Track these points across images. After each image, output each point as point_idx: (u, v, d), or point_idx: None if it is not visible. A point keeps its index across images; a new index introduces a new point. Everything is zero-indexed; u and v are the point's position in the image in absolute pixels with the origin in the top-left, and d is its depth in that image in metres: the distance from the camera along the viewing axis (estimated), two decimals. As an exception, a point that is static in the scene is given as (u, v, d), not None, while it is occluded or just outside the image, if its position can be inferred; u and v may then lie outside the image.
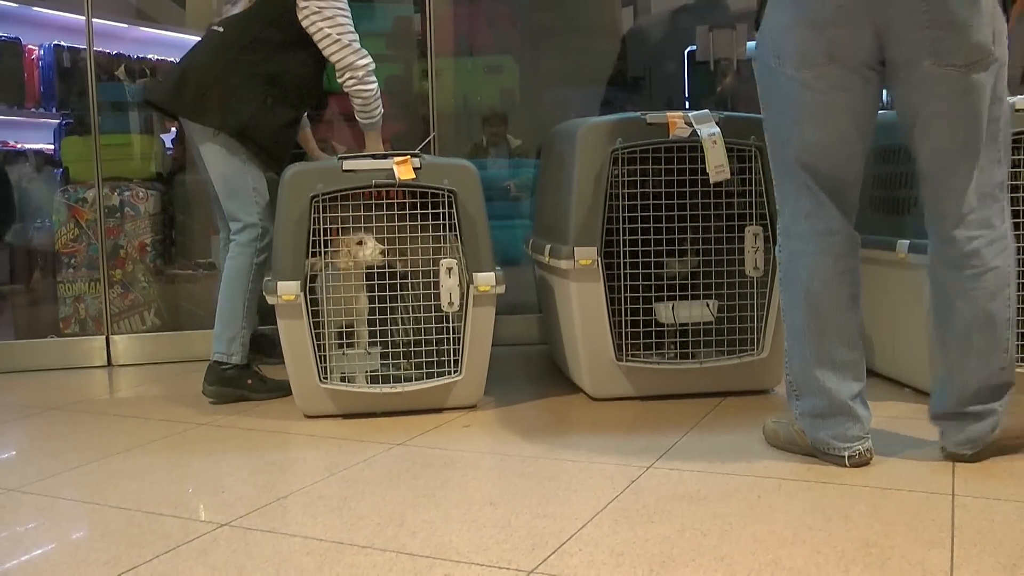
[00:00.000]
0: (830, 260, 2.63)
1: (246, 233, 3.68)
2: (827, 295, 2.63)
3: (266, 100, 3.65)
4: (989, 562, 1.97)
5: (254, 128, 3.64)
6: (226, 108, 3.63)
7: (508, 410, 3.38)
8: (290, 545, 2.18)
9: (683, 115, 3.26)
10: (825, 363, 2.65)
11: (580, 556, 2.05)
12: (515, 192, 5.15)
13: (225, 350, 3.66)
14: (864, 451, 2.64)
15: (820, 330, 2.64)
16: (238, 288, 3.66)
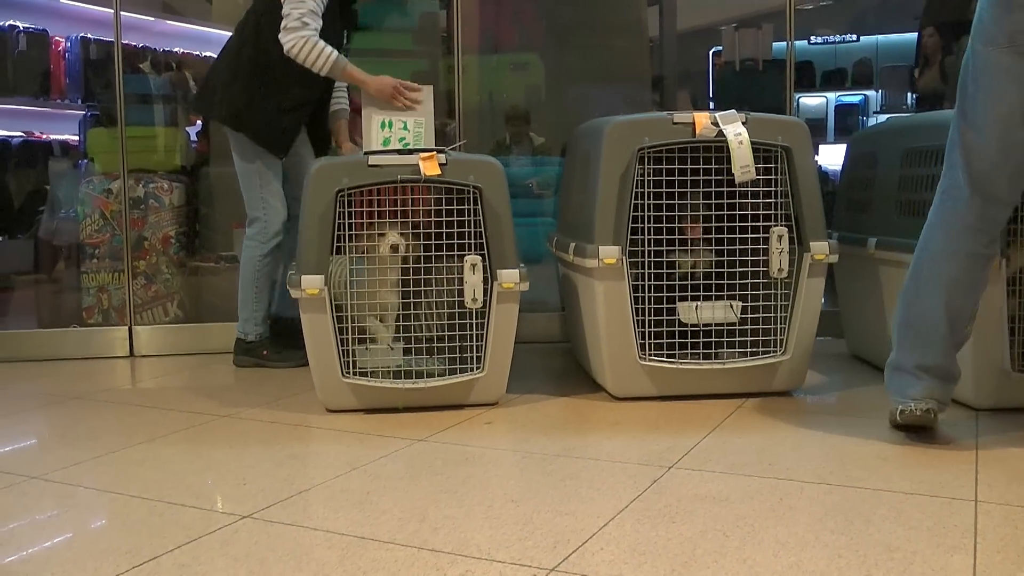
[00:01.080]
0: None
1: (253, 226, 4.06)
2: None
3: (257, 87, 3.84)
4: (1012, 569, 1.96)
5: (246, 115, 3.88)
6: (223, 100, 3.91)
7: (530, 407, 3.38)
8: (312, 538, 2.18)
9: (709, 115, 3.25)
10: (906, 327, 2.88)
11: (602, 555, 2.04)
12: (537, 190, 5.15)
13: (242, 328, 4.22)
14: (916, 410, 2.76)
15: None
16: (247, 276, 4.14)
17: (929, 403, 2.78)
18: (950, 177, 2.81)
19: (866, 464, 2.68)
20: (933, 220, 2.86)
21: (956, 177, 2.78)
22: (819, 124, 7.58)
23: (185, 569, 2.02)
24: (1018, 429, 2.99)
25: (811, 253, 3.31)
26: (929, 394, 2.80)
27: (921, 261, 2.86)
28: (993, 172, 2.73)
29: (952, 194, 2.80)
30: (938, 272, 2.81)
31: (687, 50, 6.48)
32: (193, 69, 5.58)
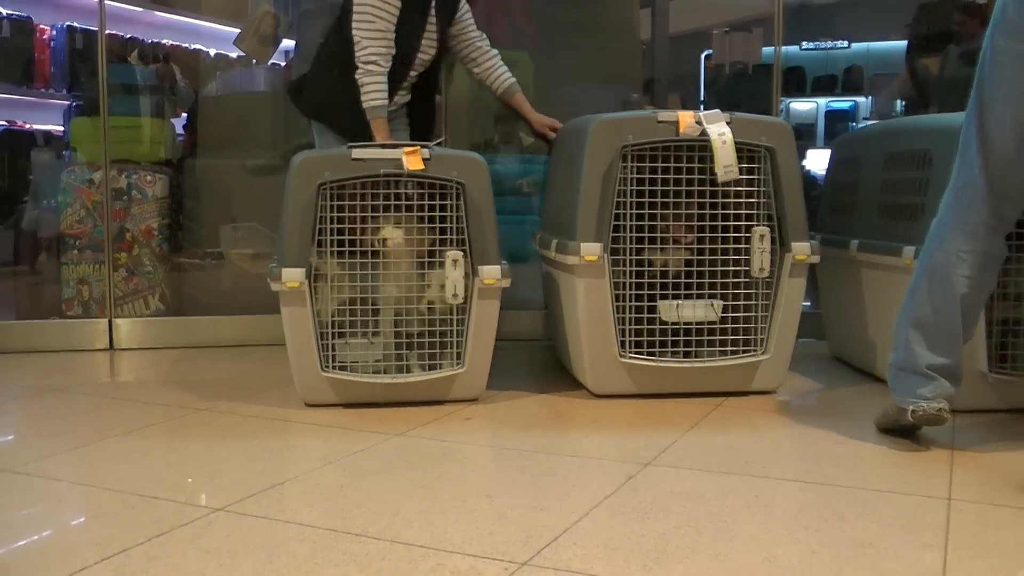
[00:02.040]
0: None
1: None
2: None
3: (338, 78, 3.76)
4: (982, 565, 1.97)
5: (327, 107, 3.84)
6: (308, 92, 3.91)
7: (510, 404, 3.37)
8: (284, 531, 2.17)
9: (693, 114, 3.25)
10: (918, 326, 2.82)
11: (574, 550, 2.04)
12: (527, 190, 5.14)
13: None
14: (930, 409, 2.73)
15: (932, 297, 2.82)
16: None
17: (941, 402, 2.76)
18: (966, 175, 2.77)
19: (843, 463, 2.68)
20: (947, 218, 2.82)
21: (973, 175, 2.75)
22: (809, 129, 7.60)
23: (155, 562, 2.00)
24: (994, 430, 3.01)
25: (793, 253, 3.31)
26: (941, 393, 2.77)
27: (933, 259, 2.81)
28: (1009, 170, 2.70)
29: (968, 193, 2.76)
30: (953, 270, 2.77)
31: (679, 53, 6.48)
32: (181, 61, 5.57)
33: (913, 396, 2.78)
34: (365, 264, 3.24)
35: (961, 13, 5.55)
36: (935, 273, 2.80)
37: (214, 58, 5.71)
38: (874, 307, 3.59)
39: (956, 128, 3.02)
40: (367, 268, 3.24)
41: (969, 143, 2.76)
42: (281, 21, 5.22)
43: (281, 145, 5.17)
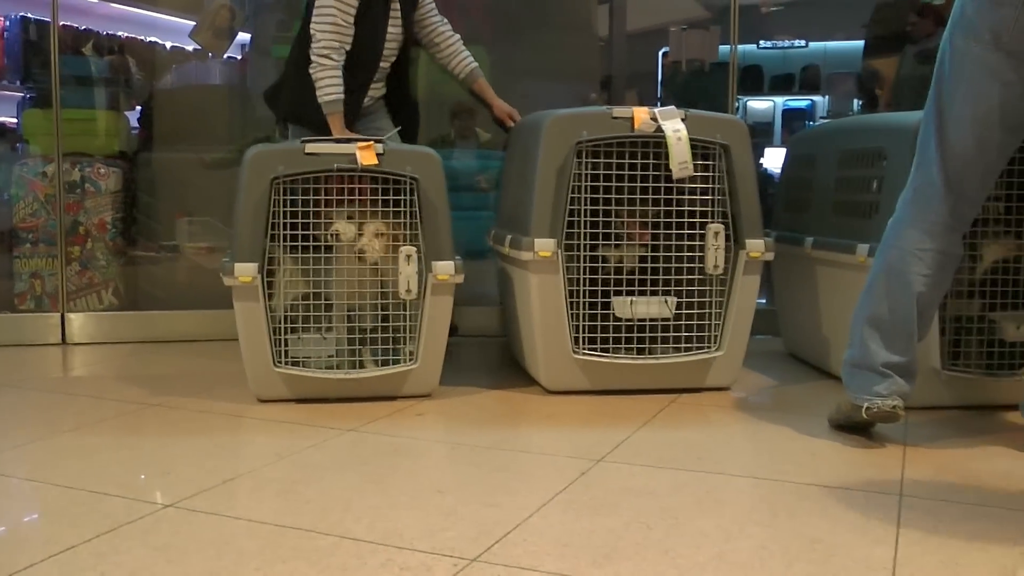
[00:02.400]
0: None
1: None
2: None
3: (309, 78, 3.74)
4: (932, 560, 1.98)
5: (302, 107, 3.79)
6: (284, 97, 3.93)
7: (463, 400, 3.36)
8: (233, 528, 2.15)
9: (648, 110, 3.25)
10: (873, 324, 2.83)
11: (524, 546, 2.03)
12: (485, 186, 5.13)
13: None
14: (884, 406, 2.75)
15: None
16: None
17: (896, 399, 2.77)
18: (924, 174, 2.79)
19: (795, 459, 2.69)
20: (903, 216, 2.83)
21: (931, 174, 2.76)
22: (767, 128, 7.64)
23: (102, 559, 1.98)
24: (946, 426, 3.03)
25: (747, 250, 3.33)
26: (895, 390, 2.79)
27: (890, 257, 2.83)
28: (967, 170, 2.73)
29: (926, 191, 2.78)
30: (910, 268, 2.78)
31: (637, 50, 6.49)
32: (137, 54, 5.51)
33: (868, 393, 2.80)
34: (318, 259, 3.22)
35: (917, 13, 5.61)
36: (891, 271, 2.81)
37: (170, 51, 5.65)
38: (828, 304, 3.62)
39: (909, 126, 3.06)
40: (320, 263, 3.22)
41: (927, 142, 2.78)
42: (237, 14, 5.18)
43: (238, 139, 5.13)
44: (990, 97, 2.65)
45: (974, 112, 2.67)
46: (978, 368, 3.20)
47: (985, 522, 2.21)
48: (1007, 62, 2.61)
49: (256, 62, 5.35)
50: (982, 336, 3.21)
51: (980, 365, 3.21)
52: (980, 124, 2.67)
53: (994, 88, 2.64)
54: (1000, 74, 2.63)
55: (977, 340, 3.21)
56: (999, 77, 2.63)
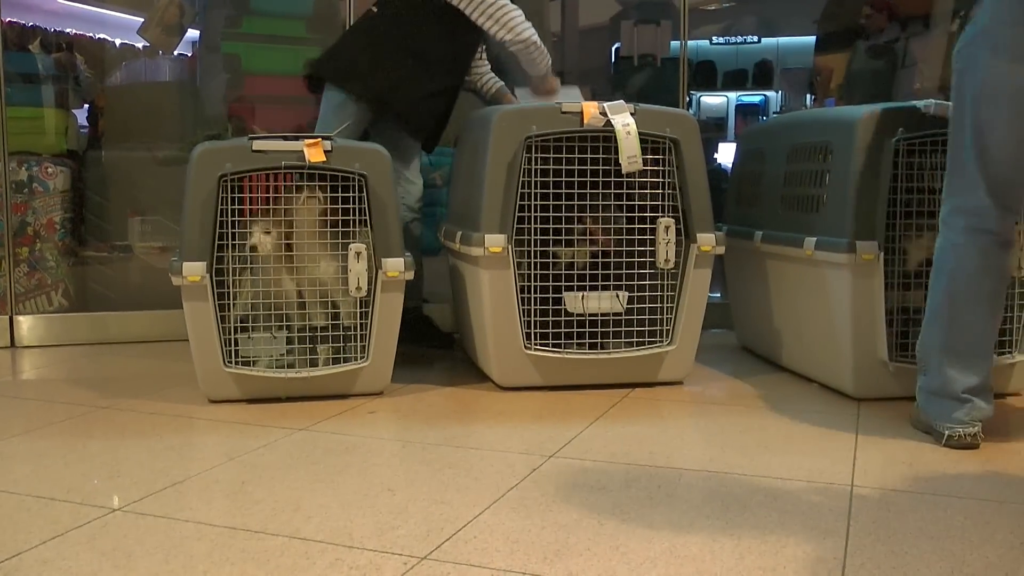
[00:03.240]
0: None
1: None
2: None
3: (409, 71, 3.81)
4: (882, 550, 2.00)
5: (394, 96, 3.84)
6: (369, 77, 3.85)
7: (415, 397, 3.35)
8: (182, 530, 2.13)
9: (598, 104, 3.26)
10: (950, 350, 2.82)
11: (474, 543, 2.03)
12: (439, 183, 5.11)
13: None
14: (965, 435, 2.75)
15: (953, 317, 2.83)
16: None
17: (976, 426, 2.77)
18: (970, 196, 2.75)
19: (747, 452, 2.71)
20: (958, 240, 2.79)
21: (978, 196, 2.73)
22: (720, 123, 7.67)
23: (48, 565, 1.95)
24: (896, 417, 3.06)
25: (698, 245, 3.34)
26: (976, 416, 2.79)
27: (954, 282, 2.80)
28: (1012, 189, 2.73)
29: (978, 213, 2.74)
30: (978, 289, 2.78)
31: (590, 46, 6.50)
32: (85, 51, 5.44)
33: (949, 421, 2.79)
34: (267, 258, 3.19)
35: (870, 7, 5.64)
36: (957, 296, 2.80)
37: (119, 48, 5.58)
38: (778, 297, 3.64)
39: (854, 121, 3.10)
40: (268, 261, 3.19)
41: (968, 163, 2.75)
42: (186, 10, 5.13)
43: (189, 136, 5.08)
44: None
45: (1016, 133, 2.66)
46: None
47: (935, 511, 2.24)
48: None
49: (205, 58, 5.29)
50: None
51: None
52: (1022, 144, 2.68)
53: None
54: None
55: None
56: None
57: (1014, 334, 3.26)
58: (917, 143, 3.15)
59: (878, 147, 3.13)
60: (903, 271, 3.19)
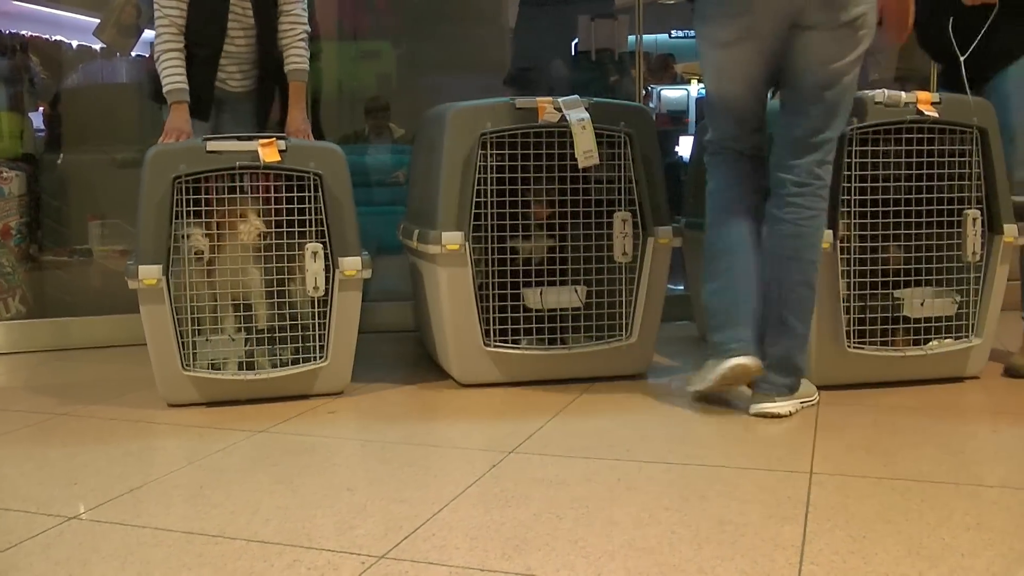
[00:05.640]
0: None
1: None
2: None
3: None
4: (840, 535, 2.01)
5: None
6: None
7: (375, 396, 3.34)
8: (139, 537, 2.11)
9: (552, 100, 3.25)
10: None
11: (433, 541, 2.03)
12: (403, 181, 5.11)
13: None
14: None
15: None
16: None
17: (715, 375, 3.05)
18: (715, 128, 3.22)
19: (706, 442, 2.72)
20: (714, 161, 3.24)
21: (720, 127, 3.22)
22: (681, 116, 7.69)
23: None
24: (855, 403, 3.09)
25: (655, 238, 3.35)
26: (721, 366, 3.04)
27: (713, 197, 3.22)
28: (740, 122, 3.18)
29: (722, 138, 3.23)
30: (732, 196, 3.20)
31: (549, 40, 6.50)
32: (41, 53, 5.39)
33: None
34: (222, 259, 3.17)
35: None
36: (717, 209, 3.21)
37: (76, 49, 5.54)
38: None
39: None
40: (224, 262, 3.18)
41: (712, 108, 3.21)
42: (143, 11, 5.09)
43: (148, 138, 5.04)
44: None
45: (726, 89, 3.18)
46: (884, 344, 3.27)
47: (893, 495, 2.26)
48: None
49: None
50: (887, 313, 3.27)
51: (886, 342, 3.28)
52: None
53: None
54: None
55: (882, 317, 3.28)
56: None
57: (971, 318, 3.30)
58: (870, 132, 3.18)
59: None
60: (859, 259, 3.22)
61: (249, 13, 3.82)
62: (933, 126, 3.23)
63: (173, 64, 3.69)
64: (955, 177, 3.30)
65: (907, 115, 3.19)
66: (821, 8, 2.90)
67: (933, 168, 3.26)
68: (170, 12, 3.69)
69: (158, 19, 3.69)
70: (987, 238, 3.30)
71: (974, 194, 3.28)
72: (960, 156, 3.28)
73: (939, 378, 3.32)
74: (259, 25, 3.86)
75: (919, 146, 3.23)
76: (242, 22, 3.83)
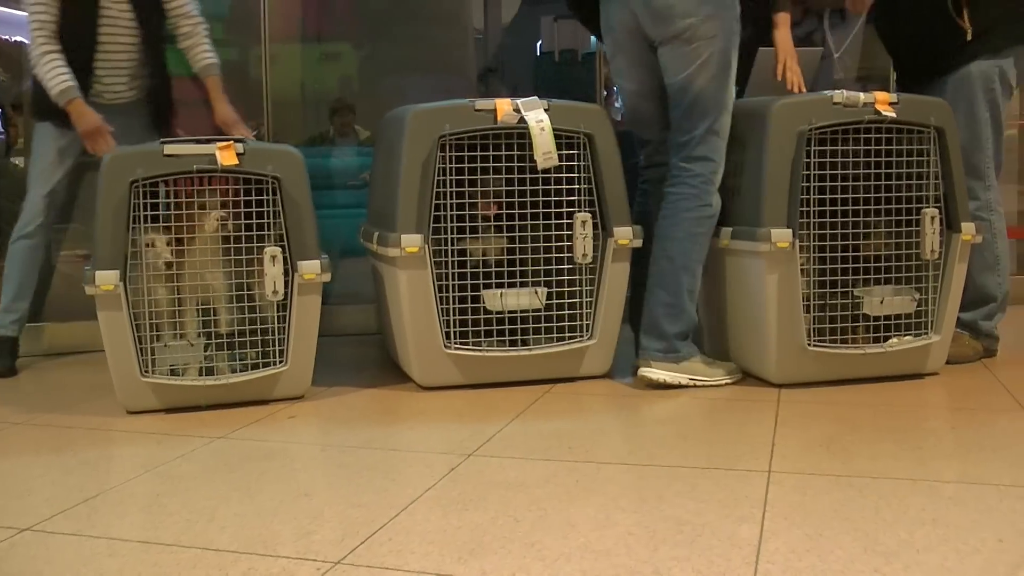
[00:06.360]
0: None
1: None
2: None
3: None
4: (797, 533, 2.02)
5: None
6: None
7: (336, 400, 3.32)
8: (93, 547, 2.08)
9: (511, 102, 3.25)
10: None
11: (389, 545, 2.01)
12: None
13: None
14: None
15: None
16: None
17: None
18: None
19: (666, 443, 2.72)
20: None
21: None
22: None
23: (-53, 592, 1.91)
24: (816, 401, 3.10)
25: (615, 238, 3.35)
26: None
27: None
28: (639, 130, 3.62)
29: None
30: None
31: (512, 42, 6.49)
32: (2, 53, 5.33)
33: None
34: (181, 264, 3.15)
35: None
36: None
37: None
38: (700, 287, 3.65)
39: (767, 112, 3.17)
40: (183, 267, 3.15)
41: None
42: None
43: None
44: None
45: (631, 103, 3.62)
46: (844, 342, 3.29)
47: (850, 492, 2.26)
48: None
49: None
50: (847, 311, 3.29)
51: (846, 340, 3.29)
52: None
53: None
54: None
55: (842, 316, 3.30)
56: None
57: (930, 315, 3.33)
58: (829, 132, 3.20)
59: (790, 137, 3.17)
60: (819, 256, 3.24)
61: (128, 15, 3.77)
62: (891, 126, 3.26)
63: (54, 65, 3.63)
64: (913, 176, 3.32)
65: (865, 115, 3.22)
66: (652, 24, 3.30)
67: (892, 167, 3.29)
68: (40, 15, 3.63)
69: (30, 23, 3.63)
70: (945, 236, 3.32)
71: (932, 193, 3.31)
72: (919, 156, 3.31)
73: (899, 375, 3.35)
74: (142, 27, 3.81)
75: (877, 146, 3.25)
76: (119, 25, 3.77)
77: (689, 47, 3.25)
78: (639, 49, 3.39)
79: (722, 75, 3.29)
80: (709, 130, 3.30)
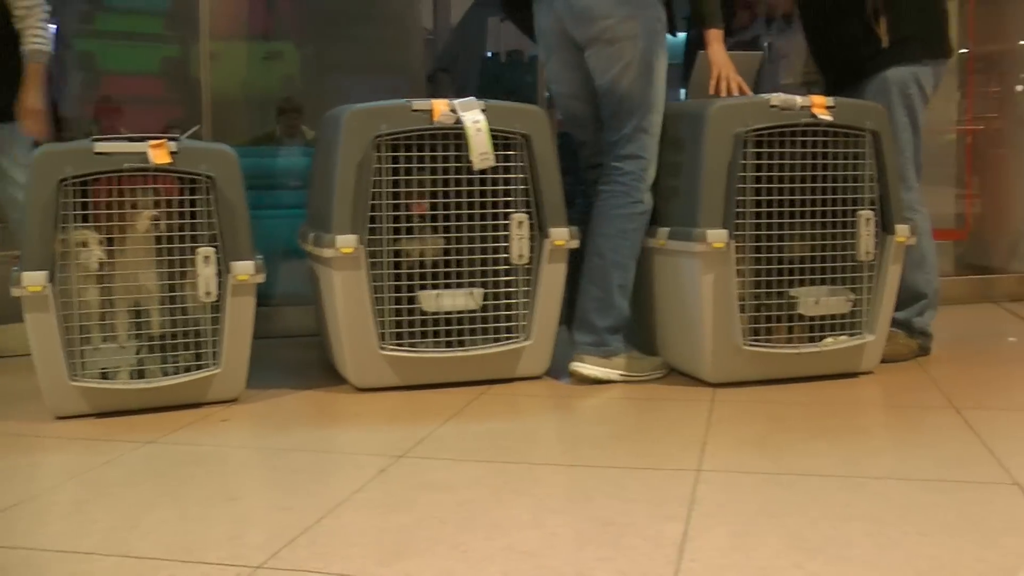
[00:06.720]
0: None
1: None
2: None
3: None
4: (722, 532, 2.03)
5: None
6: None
7: (270, 403, 3.29)
8: (8, 559, 2.02)
9: (448, 102, 3.24)
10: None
11: (313, 549, 1.99)
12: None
13: None
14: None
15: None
16: None
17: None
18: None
19: (598, 443, 2.72)
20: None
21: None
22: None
23: None
24: (749, 400, 3.13)
25: (551, 239, 3.34)
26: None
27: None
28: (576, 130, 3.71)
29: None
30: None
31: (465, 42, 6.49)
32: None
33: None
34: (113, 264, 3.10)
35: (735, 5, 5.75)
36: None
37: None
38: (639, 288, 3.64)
39: (706, 114, 3.20)
40: (114, 268, 3.11)
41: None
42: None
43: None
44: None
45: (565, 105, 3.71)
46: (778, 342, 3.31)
47: (778, 490, 2.28)
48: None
49: (61, 55, 5.14)
50: (781, 312, 3.31)
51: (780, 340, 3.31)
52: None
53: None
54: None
55: (776, 316, 3.32)
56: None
57: (865, 315, 3.35)
58: (766, 135, 3.22)
59: (727, 139, 3.19)
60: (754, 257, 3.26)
61: None
62: (827, 129, 3.28)
63: None
64: (849, 179, 3.35)
65: (801, 118, 3.24)
66: (575, 26, 3.38)
67: (828, 170, 3.31)
68: None
69: None
70: (880, 238, 3.35)
71: (868, 195, 3.34)
72: (854, 158, 3.34)
73: (834, 374, 3.37)
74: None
75: (814, 148, 3.27)
76: None
77: (611, 48, 3.33)
78: (568, 52, 3.45)
79: (647, 74, 3.36)
80: (637, 128, 3.37)
